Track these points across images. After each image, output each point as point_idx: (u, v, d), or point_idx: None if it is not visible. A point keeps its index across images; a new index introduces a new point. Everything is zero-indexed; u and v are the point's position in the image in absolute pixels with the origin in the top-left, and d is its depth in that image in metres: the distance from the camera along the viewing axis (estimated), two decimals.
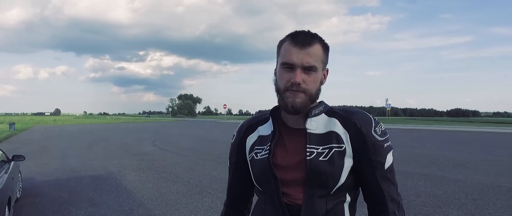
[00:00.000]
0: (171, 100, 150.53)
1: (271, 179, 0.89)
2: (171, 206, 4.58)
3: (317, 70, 0.85)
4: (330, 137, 0.88)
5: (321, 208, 0.86)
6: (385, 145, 0.89)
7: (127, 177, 6.59)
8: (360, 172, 0.89)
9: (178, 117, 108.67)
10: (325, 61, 0.89)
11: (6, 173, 3.80)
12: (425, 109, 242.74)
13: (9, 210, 3.41)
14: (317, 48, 0.85)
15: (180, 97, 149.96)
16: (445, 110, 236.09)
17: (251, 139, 0.99)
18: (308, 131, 0.89)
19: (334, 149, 0.86)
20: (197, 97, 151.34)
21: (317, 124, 0.90)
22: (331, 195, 0.87)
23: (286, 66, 0.85)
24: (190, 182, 6.09)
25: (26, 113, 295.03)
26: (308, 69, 0.84)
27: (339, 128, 0.89)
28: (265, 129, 0.97)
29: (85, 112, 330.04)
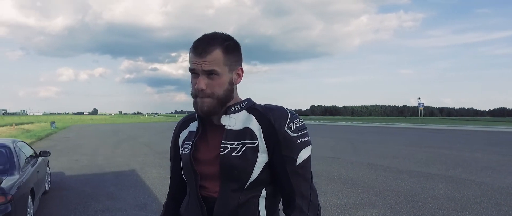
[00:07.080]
0: None
1: (192, 172, 0.95)
2: None
3: (219, 73, 0.89)
4: (245, 133, 0.92)
5: (233, 201, 0.90)
6: (299, 141, 0.90)
7: (148, 174, 6.89)
8: (273, 167, 0.92)
9: None
10: (229, 63, 0.91)
11: (32, 167, 4.15)
12: (464, 108, 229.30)
13: (32, 200, 3.72)
14: (215, 54, 0.88)
15: None
16: (487, 110, 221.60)
17: (183, 135, 1.06)
18: (226, 127, 0.94)
19: (246, 145, 0.90)
20: None
21: (235, 121, 0.94)
22: (245, 190, 0.91)
23: (192, 72, 0.92)
24: None
25: (68, 113, 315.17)
26: (210, 73, 0.89)
27: (254, 125, 0.92)
28: (194, 126, 1.03)
29: (120, 111, 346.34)
